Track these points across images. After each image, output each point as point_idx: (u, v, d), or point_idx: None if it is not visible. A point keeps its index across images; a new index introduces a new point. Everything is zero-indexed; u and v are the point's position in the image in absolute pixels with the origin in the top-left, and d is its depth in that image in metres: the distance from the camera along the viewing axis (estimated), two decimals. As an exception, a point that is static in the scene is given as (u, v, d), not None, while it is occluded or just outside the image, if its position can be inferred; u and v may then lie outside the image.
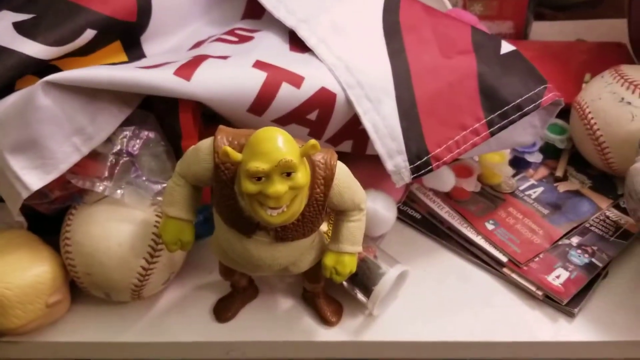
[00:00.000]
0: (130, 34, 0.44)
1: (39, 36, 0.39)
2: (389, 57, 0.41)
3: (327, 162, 0.33)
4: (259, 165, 0.29)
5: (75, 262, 0.39)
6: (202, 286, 0.44)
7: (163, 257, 0.40)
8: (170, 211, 0.36)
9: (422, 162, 0.39)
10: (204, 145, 0.34)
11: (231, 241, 0.35)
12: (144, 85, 0.36)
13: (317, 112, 0.39)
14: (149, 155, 0.40)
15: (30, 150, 0.36)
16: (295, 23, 0.42)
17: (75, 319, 0.42)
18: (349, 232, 0.36)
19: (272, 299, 0.43)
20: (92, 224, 0.39)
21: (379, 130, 0.39)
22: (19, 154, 0.36)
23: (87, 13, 0.40)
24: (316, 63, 0.40)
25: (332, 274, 0.36)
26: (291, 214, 0.31)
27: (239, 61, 0.39)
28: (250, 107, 0.38)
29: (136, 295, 0.40)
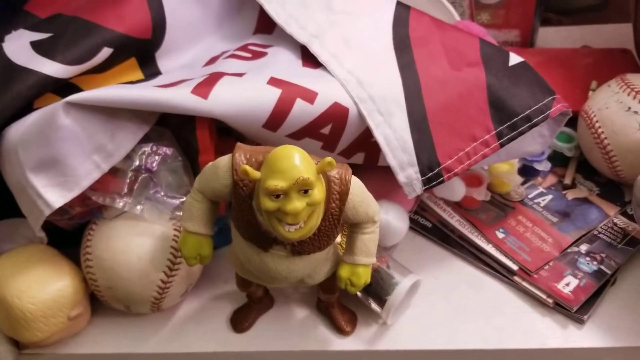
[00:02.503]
0: (145, 50, 0.45)
1: (57, 55, 0.40)
2: (400, 70, 0.41)
3: (342, 177, 0.34)
4: (278, 184, 0.30)
5: (97, 276, 0.40)
6: (219, 297, 0.45)
7: (181, 270, 0.41)
8: (189, 226, 0.37)
9: (433, 174, 0.40)
10: (223, 162, 0.35)
11: (249, 254, 0.36)
12: (162, 104, 0.37)
13: (331, 126, 0.40)
14: (167, 170, 0.41)
15: (52, 168, 0.37)
16: (307, 39, 0.43)
17: (95, 331, 0.43)
18: (363, 244, 0.37)
19: (287, 309, 0.44)
20: (112, 238, 0.40)
21: (391, 142, 0.40)
22: (41, 172, 0.37)
23: (103, 31, 0.41)
24: (328, 78, 0.41)
25: (347, 285, 0.37)
26: (308, 229, 0.32)
27: (254, 78, 0.39)
28: (265, 123, 0.39)
29: (155, 307, 0.41)
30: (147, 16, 0.43)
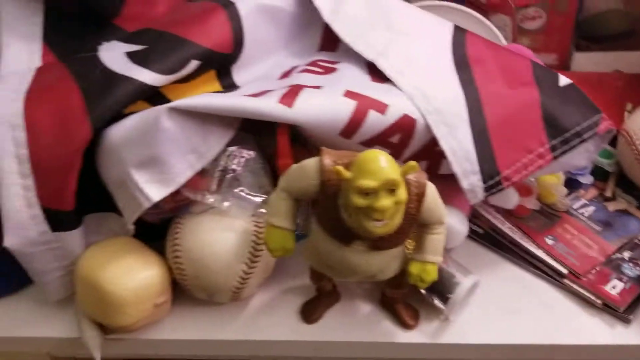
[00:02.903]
0: (224, 63, 0.49)
1: (152, 65, 0.44)
2: (461, 86, 0.45)
3: (419, 181, 0.38)
4: (369, 183, 0.34)
5: (184, 265, 0.44)
6: (288, 290, 0.49)
7: (260, 262, 0.44)
8: (275, 221, 0.40)
9: (494, 182, 0.44)
10: (310, 164, 0.39)
11: (330, 249, 0.39)
12: (253, 112, 0.41)
13: (399, 135, 0.44)
14: (249, 171, 0.44)
15: (153, 166, 0.41)
16: (373, 56, 0.47)
17: (175, 319, 0.47)
18: (433, 243, 0.41)
19: (352, 303, 0.48)
20: (200, 232, 0.43)
21: (456, 152, 0.43)
22: (143, 169, 0.41)
23: (191, 46, 0.46)
24: (396, 92, 0.45)
25: (417, 281, 0.41)
26: (392, 225, 0.36)
27: (332, 91, 0.44)
28: (341, 131, 0.43)
29: (235, 296, 0.45)
30: (229, 33, 0.48)
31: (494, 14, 0.61)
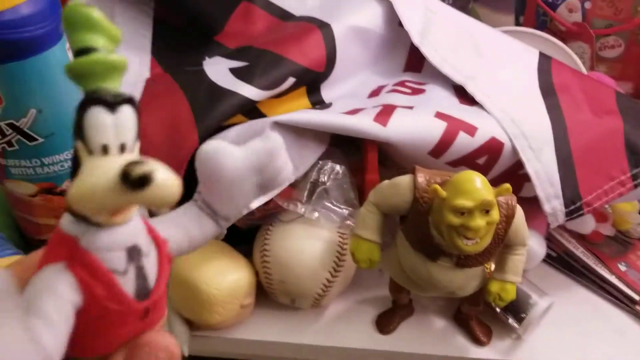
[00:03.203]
0: (315, 81, 0.51)
1: (254, 81, 0.47)
2: (547, 112, 0.47)
3: (509, 203, 0.39)
4: (465, 203, 0.36)
5: (272, 270, 0.46)
6: (363, 300, 0.51)
7: (343, 272, 0.46)
8: (363, 234, 0.42)
9: (575, 207, 0.45)
10: (404, 181, 0.41)
11: (415, 263, 0.41)
12: (349, 129, 0.44)
13: (486, 157, 0.45)
14: (337, 185, 0.47)
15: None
16: (462, 79, 0.49)
17: (257, 321, 0.49)
18: (514, 264, 0.42)
19: (426, 317, 0.49)
20: (289, 239, 0.46)
21: (540, 176, 0.45)
22: (244, 178, 0.44)
23: (290, 63, 0.48)
24: (485, 115, 0.46)
25: (496, 299, 0.42)
26: (482, 245, 0.38)
27: (423, 111, 0.46)
28: (430, 151, 0.45)
29: (316, 303, 0.47)
30: (323, 52, 0.50)
31: (573, 41, 0.62)
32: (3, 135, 0.41)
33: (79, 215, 0.19)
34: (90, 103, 0.18)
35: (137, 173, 0.17)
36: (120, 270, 0.20)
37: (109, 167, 0.18)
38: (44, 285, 0.19)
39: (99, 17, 0.18)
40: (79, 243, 0.19)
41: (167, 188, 0.18)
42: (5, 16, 0.37)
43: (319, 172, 0.46)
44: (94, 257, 0.19)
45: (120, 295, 0.20)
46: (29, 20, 0.38)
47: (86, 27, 0.18)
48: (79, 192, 0.18)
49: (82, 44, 0.18)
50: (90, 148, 0.18)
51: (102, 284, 0.19)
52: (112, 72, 0.19)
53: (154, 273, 0.21)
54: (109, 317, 0.20)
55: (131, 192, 0.17)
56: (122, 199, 0.18)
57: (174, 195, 0.18)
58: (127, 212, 0.20)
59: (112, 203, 0.18)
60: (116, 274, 0.20)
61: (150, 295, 0.21)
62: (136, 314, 0.21)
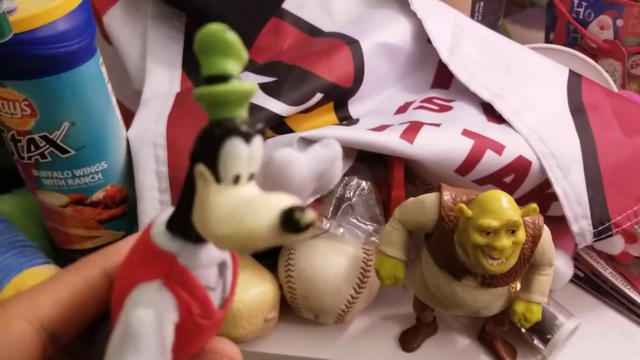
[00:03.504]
0: (343, 97, 0.52)
1: (282, 96, 0.47)
2: (577, 131, 0.46)
3: (536, 223, 0.39)
4: (491, 222, 0.36)
5: (296, 285, 0.46)
6: (386, 317, 0.50)
7: (367, 289, 0.46)
8: (388, 251, 0.42)
9: (604, 228, 0.44)
10: (429, 199, 0.41)
11: (439, 282, 0.41)
12: (375, 145, 0.44)
13: (513, 176, 0.45)
14: (363, 201, 0.47)
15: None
16: (490, 97, 0.49)
17: (280, 335, 0.49)
18: (540, 284, 0.42)
19: (450, 336, 0.49)
20: (313, 254, 0.46)
21: (568, 195, 0.44)
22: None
23: (318, 79, 0.49)
24: (512, 133, 0.46)
25: (521, 320, 0.42)
26: (507, 265, 0.38)
27: (450, 129, 0.45)
28: (457, 169, 0.45)
29: (340, 319, 0.47)
30: (351, 69, 0.50)
31: (604, 59, 0.61)
32: (36, 147, 0.42)
33: (180, 232, 0.19)
34: (229, 133, 0.18)
35: (305, 221, 0.16)
36: (212, 287, 0.20)
37: (268, 209, 0.17)
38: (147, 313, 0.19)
39: (235, 41, 0.18)
40: (178, 260, 0.19)
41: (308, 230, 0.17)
42: (42, 32, 0.38)
43: (344, 187, 0.47)
44: (193, 275, 0.19)
45: (212, 311, 0.20)
46: (65, 35, 0.39)
47: (222, 52, 0.18)
48: (234, 230, 0.17)
49: (217, 70, 0.18)
50: (220, 177, 0.18)
51: (199, 302, 0.20)
52: (244, 101, 0.18)
53: (230, 282, 0.22)
54: (197, 331, 0.20)
55: (290, 236, 0.17)
56: (277, 240, 0.17)
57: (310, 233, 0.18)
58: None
59: (265, 243, 0.17)
60: (209, 290, 0.20)
61: (225, 304, 0.21)
62: (218, 326, 0.21)
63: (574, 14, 0.62)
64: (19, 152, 0.43)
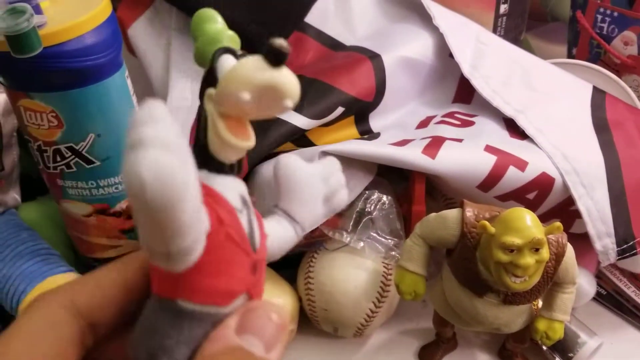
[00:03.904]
0: (364, 110, 0.52)
1: (303, 110, 0.47)
2: (600, 148, 0.46)
3: (559, 241, 0.39)
4: (515, 240, 0.36)
5: (316, 298, 0.46)
6: (406, 332, 0.50)
7: (386, 303, 0.46)
8: (408, 266, 0.42)
9: (628, 246, 0.44)
10: (452, 215, 0.40)
11: (461, 298, 0.41)
12: (398, 160, 0.44)
13: (536, 193, 0.45)
14: (383, 215, 0.47)
15: (300, 204, 0.44)
16: (513, 113, 0.49)
17: (299, 347, 0.49)
18: (562, 302, 0.41)
19: (470, 352, 0.48)
20: (333, 267, 0.46)
21: (592, 213, 0.44)
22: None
23: (339, 93, 0.49)
24: (536, 149, 0.46)
25: (543, 337, 0.42)
26: (530, 283, 0.37)
27: (472, 145, 0.45)
28: (479, 185, 0.44)
29: (359, 333, 0.47)
30: (373, 83, 0.50)
31: (628, 75, 0.61)
32: (62, 158, 0.42)
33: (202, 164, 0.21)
34: (221, 52, 0.21)
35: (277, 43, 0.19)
36: (238, 208, 0.21)
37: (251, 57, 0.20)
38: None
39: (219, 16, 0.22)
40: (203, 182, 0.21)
41: (293, 76, 0.20)
42: (70, 46, 0.38)
43: (365, 201, 0.47)
44: (215, 190, 0.21)
45: (240, 227, 0.21)
46: (93, 49, 0.39)
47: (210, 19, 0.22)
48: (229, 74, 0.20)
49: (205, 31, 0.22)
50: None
51: (226, 210, 0.20)
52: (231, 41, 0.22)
53: (257, 234, 0.22)
54: (230, 249, 0.20)
55: (273, 67, 0.19)
56: (265, 75, 0.19)
57: (297, 88, 0.20)
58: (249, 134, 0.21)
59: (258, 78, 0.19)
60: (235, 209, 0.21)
61: (257, 251, 0.22)
62: (249, 259, 0.21)
63: (597, 29, 0.62)
64: (45, 162, 0.43)
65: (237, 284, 0.21)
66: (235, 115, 0.21)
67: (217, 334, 0.20)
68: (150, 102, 0.17)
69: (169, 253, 0.18)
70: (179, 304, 0.20)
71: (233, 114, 0.21)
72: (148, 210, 0.16)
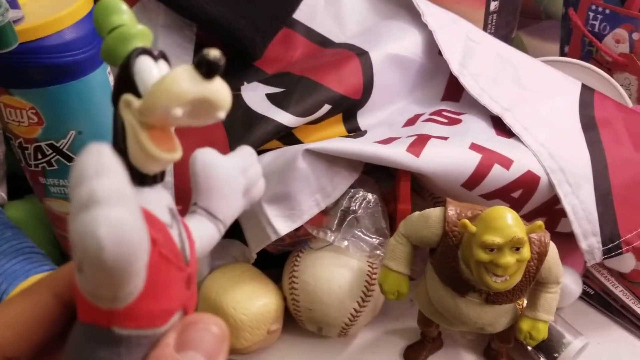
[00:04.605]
0: (351, 108, 0.51)
1: (289, 107, 0.47)
2: (587, 147, 0.46)
3: (542, 240, 0.38)
4: (495, 239, 0.35)
5: (300, 297, 0.46)
6: (391, 331, 0.50)
7: (371, 303, 0.46)
8: (392, 265, 0.42)
9: (613, 245, 0.43)
10: (434, 213, 0.40)
11: (444, 297, 0.41)
12: (382, 158, 0.43)
13: (521, 191, 0.44)
14: (368, 214, 0.46)
15: (284, 202, 0.44)
16: (500, 111, 0.48)
17: (284, 347, 0.49)
18: (546, 302, 0.41)
19: (455, 352, 0.48)
20: (318, 266, 0.46)
21: (577, 212, 0.44)
22: (274, 204, 0.44)
23: (326, 91, 0.48)
24: (522, 148, 0.45)
25: (526, 337, 0.41)
26: (512, 282, 0.37)
27: (457, 143, 0.45)
28: (464, 183, 0.44)
29: (343, 333, 0.47)
30: (360, 80, 0.50)
31: (620, 73, 0.60)
32: (43, 155, 0.42)
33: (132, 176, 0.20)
34: (137, 53, 0.20)
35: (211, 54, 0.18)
36: (168, 223, 0.20)
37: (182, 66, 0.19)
38: None
39: (122, 4, 0.21)
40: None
41: (225, 86, 0.19)
42: (50, 41, 0.38)
43: (350, 200, 0.46)
44: (146, 208, 0.20)
45: (173, 244, 0.20)
46: (73, 45, 0.39)
47: (115, 12, 0.20)
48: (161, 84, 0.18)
49: (113, 24, 0.20)
50: (141, 93, 0.19)
51: (157, 229, 0.19)
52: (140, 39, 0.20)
53: (187, 245, 0.21)
54: (165, 269, 0.19)
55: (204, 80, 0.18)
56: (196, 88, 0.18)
57: (229, 99, 0.19)
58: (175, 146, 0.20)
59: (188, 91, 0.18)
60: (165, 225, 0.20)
61: (188, 264, 0.21)
62: (183, 274, 0.20)
63: (589, 27, 0.62)
64: (27, 159, 0.43)
65: (174, 303, 0.20)
66: (159, 126, 0.20)
67: (156, 354, 0.19)
68: (96, 148, 0.16)
69: (115, 297, 0.17)
70: (114, 331, 0.19)
71: (158, 125, 0.19)
72: (102, 270, 0.16)
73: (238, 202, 0.25)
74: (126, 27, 0.20)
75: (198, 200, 0.24)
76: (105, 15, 0.20)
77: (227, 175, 0.24)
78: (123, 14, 0.20)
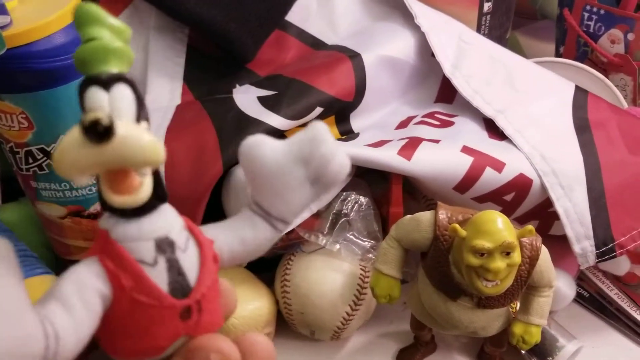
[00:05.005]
0: (344, 110, 0.51)
1: (281, 110, 0.47)
2: (580, 149, 0.45)
3: (533, 244, 0.38)
4: (485, 244, 0.35)
5: (292, 301, 0.46)
6: (384, 334, 0.50)
7: (363, 306, 0.46)
8: (383, 269, 0.42)
9: (607, 249, 0.43)
10: (425, 217, 0.40)
11: (435, 301, 0.40)
12: (374, 162, 0.43)
13: (514, 194, 0.44)
14: (361, 217, 0.46)
15: (276, 205, 0.44)
16: (493, 113, 0.48)
17: (276, 351, 0.49)
18: (539, 306, 0.41)
19: (449, 355, 0.48)
20: (310, 270, 0.45)
21: (570, 215, 0.43)
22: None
23: (318, 93, 0.48)
24: (514, 150, 0.45)
25: (519, 342, 0.41)
26: (503, 287, 0.37)
27: (449, 145, 0.45)
28: (456, 186, 0.44)
29: (335, 336, 0.46)
30: (352, 83, 0.50)
31: (615, 74, 0.60)
32: (34, 159, 0.42)
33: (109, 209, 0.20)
34: (87, 84, 0.20)
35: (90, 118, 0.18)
36: (149, 262, 0.20)
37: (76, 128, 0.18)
38: (68, 274, 0.20)
39: (104, 14, 0.20)
40: (109, 235, 0.20)
41: (133, 141, 0.18)
42: (38, 46, 0.38)
43: (342, 203, 0.46)
44: (120, 247, 0.20)
45: (150, 287, 0.20)
46: (62, 49, 0.39)
47: (93, 22, 0.20)
48: (55, 155, 0.18)
49: (89, 35, 0.20)
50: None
51: (130, 274, 0.19)
52: (113, 57, 0.20)
53: (194, 271, 0.21)
54: (141, 311, 0.19)
55: (96, 145, 0.18)
56: (91, 155, 0.18)
57: (145, 151, 0.18)
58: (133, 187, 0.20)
59: (84, 161, 0.18)
60: (144, 265, 0.20)
61: (190, 294, 0.21)
62: (173, 311, 0.20)
63: (584, 27, 0.61)
64: (18, 163, 0.43)
65: (161, 341, 0.20)
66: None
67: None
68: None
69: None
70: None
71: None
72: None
73: (300, 195, 0.22)
74: (101, 42, 0.20)
75: (253, 195, 0.23)
76: (82, 24, 0.20)
77: (277, 172, 0.22)
78: (101, 27, 0.20)
